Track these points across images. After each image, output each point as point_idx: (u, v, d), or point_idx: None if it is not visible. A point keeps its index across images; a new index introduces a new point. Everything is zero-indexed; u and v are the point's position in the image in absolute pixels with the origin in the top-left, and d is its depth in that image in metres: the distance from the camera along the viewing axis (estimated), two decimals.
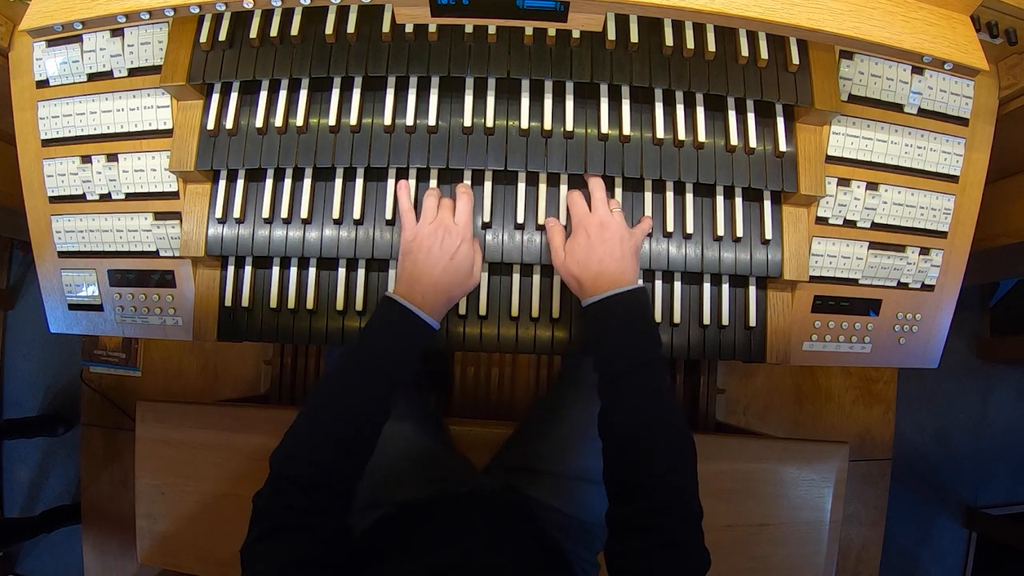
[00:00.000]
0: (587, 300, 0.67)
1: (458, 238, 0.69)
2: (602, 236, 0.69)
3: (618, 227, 0.70)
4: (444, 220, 0.70)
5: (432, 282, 0.68)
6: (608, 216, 0.70)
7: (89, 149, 0.79)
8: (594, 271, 0.68)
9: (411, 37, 0.71)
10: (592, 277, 0.68)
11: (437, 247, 0.68)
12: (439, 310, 0.69)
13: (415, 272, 0.68)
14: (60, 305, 0.83)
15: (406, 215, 0.72)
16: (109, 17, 0.61)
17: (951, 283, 0.84)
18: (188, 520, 1.01)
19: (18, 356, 1.87)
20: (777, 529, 1.00)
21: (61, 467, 1.83)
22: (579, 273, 0.69)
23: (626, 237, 0.70)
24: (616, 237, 0.69)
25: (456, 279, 0.70)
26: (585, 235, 0.69)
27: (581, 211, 0.71)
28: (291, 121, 0.74)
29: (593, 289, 0.67)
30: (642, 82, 0.72)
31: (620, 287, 0.66)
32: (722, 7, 0.59)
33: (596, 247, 0.69)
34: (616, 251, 0.69)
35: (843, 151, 0.77)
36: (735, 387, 1.62)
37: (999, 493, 1.86)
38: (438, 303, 0.68)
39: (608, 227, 0.69)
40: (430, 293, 0.67)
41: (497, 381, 1.49)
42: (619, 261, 0.68)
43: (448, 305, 0.71)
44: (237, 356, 1.62)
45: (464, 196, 0.72)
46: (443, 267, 0.68)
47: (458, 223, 0.70)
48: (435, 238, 0.69)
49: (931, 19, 0.65)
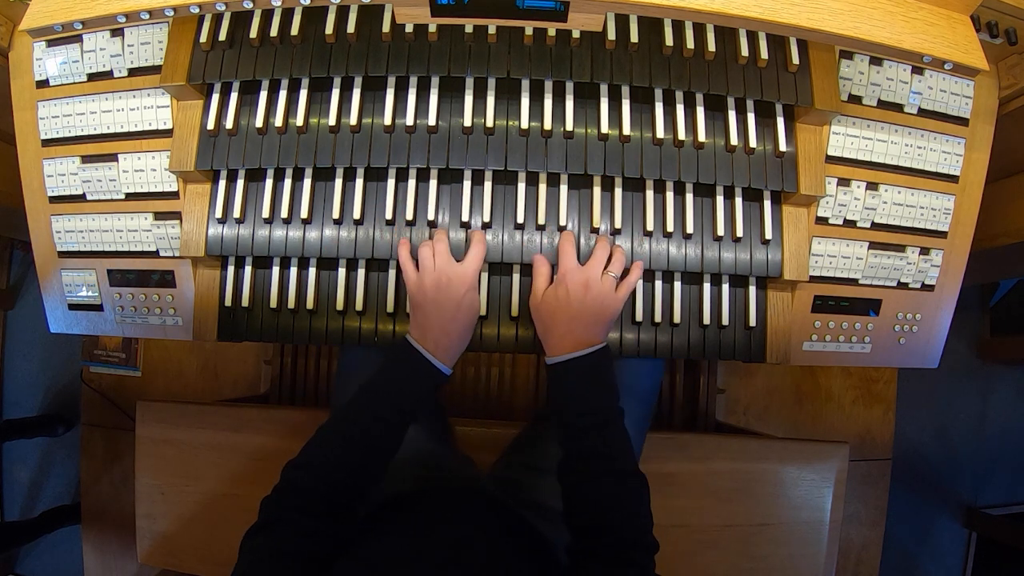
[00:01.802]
0: (550, 359, 0.69)
1: (462, 286, 0.70)
2: (583, 297, 0.69)
3: (601, 292, 0.69)
4: (444, 269, 0.70)
5: (444, 331, 0.69)
6: (596, 278, 0.70)
7: (89, 149, 0.79)
8: (561, 331, 0.69)
9: (411, 37, 0.71)
10: (558, 335, 0.69)
11: (444, 298, 0.69)
12: (452, 355, 0.71)
13: (426, 324, 0.70)
14: (60, 305, 0.83)
15: (406, 266, 0.72)
16: (109, 17, 0.61)
17: (951, 283, 0.84)
18: (188, 520, 1.01)
19: (18, 356, 1.87)
20: (777, 529, 1.00)
21: (61, 467, 1.83)
22: (546, 325, 0.71)
23: (608, 301, 0.70)
24: (597, 301, 0.69)
25: (466, 323, 0.71)
26: (565, 291, 0.70)
27: (569, 263, 0.71)
28: (291, 121, 0.74)
29: (557, 347, 0.69)
30: (642, 82, 0.72)
31: (584, 349, 0.67)
32: (722, 7, 0.59)
33: (572, 306, 0.69)
34: (590, 316, 0.69)
35: (843, 151, 0.77)
36: (735, 387, 1.62)
37: (999, 493, 1.86)
38: (451, 349, 0.70)
39: (591, 289, 0.69)
40: (443, 341, 0.69)
41: (497, 381, 1.49)
42: (590, 326, 0.69)
43: (461, 348, 0.72)
44: (237, 356, 1.62)
45: (478, 245, 0.72)
46: (451, 315, 0.69)
47: (465, 269, 0.70)
48: (439, 291, 0.69)
49: (931, 19, 0.65)
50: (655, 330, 0.78)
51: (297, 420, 0.99)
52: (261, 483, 0.61)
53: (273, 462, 0.78)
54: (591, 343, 0.68)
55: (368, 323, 0.77)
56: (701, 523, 0.96)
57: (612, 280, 0.71)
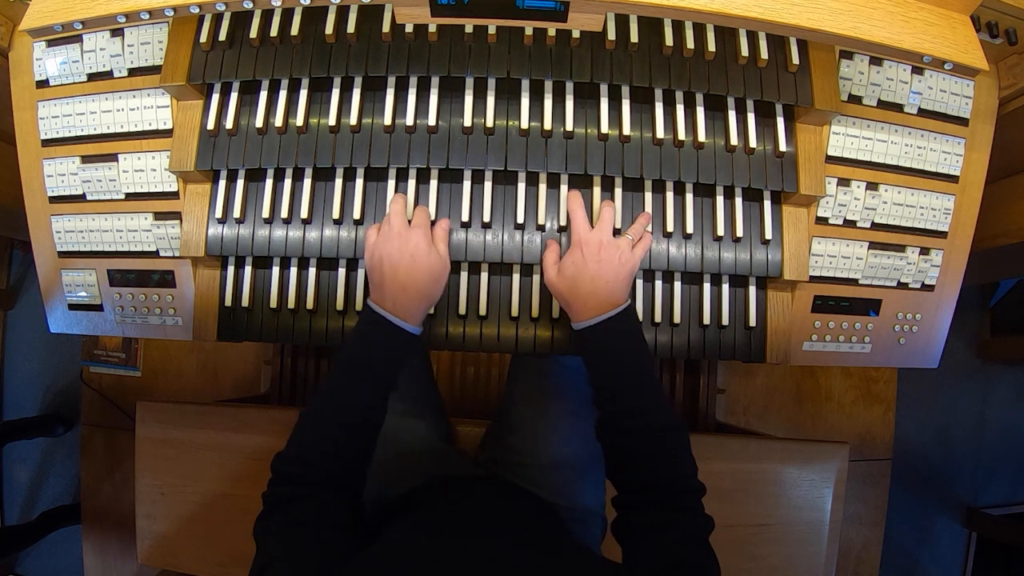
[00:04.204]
0: (578, 324, 0.68)
1: (413, 238, 0.67)
2: (598, 256, 0.68)
3: (618, 248, 0.69)
4: (396, 226, 0.68)
5: (400, 286, 0.66)
6: (610, 238, 0.69)
7: (89, 149, 0.79)
8: (585, 292, 0.68)
9: (411, 37, 0.71)
10: (582, 299, 0.68)
11: (396, 252, 0.67)
12: (414, 313, 0.67)
13: (382, 282, 0.67)
14: (60, 305, 0.83)
15: (368, 238, 0.71)
16: (109, 17, 0.61)
17: (951, 283, 0.84)
18: (188, 520, 1.01)
19: (18, 356, 1.87)
20: (777, 529, 1.00)
21: (61, 467, 1.83)
22: (568, 292, 0.69)
23: (625, 258, 0.69)
24: (614, 258, 0.68)
25: (423, 279, 0.67)
26: (580, 253, 0.69)
27: (582, 227, 0.70)
28: (291, 121, 0.74)
29: (583, 312, 0.68)
30: (642, 82, 0.72)
31: (610, 311, 0.66)
32: (722, 7, 0.59)
33: (590, 266, 0.68)
34: (610, 273, 0.68)
35: (843, 151, 0.77)
36: (735, 387, 1.62)
37: (999, 493, 1.86)
38: (410, 306, 0.67)
39: (607, 248, 0.68)
40: (400, 297, 0.66)
41: (496, 381, 1.49)
42: (611, 283, 0.68)
43: (426, 304, 0.70)
44: (237, 356, 1.62)
45: (419, 208, 0.72)
46: (406, 269, 0.66)
47: (414, 225, 0.69)
48: (390, 244, 0.67)
49: (931, 19, 0.65)
50: (655, 330, 0.78)
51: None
52: (261, 483, 0.61)
53: None
54: (615, 303, 0.67)
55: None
56: None
57: (628, 240, 0.70)
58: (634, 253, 0.70)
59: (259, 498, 0.62)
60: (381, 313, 0.66)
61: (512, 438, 0.89)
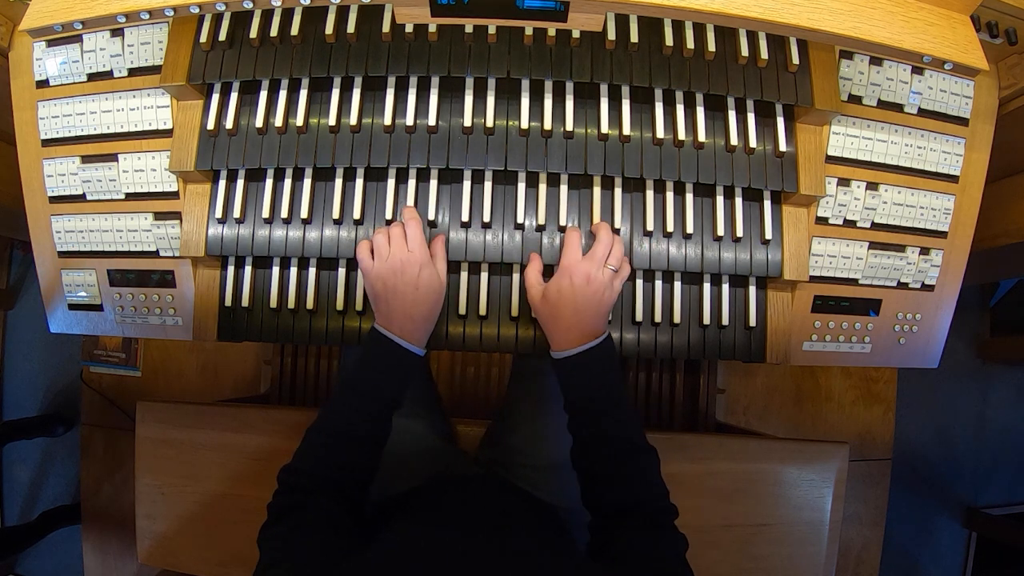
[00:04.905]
0: (558, 354, 0.70)
1: (416, 266, 0.69)
2: (585, 289, 0.69)
3: (601, 284, 0.70)
4: (398, 255, 0.70)
5: (408, 316, 0.70)
6: (598, 272, 0.70)
7: (89, 149, 0.79)
8: (566, 323, 0.70)
9: (411, 37, 0.71)
10: (563, 329, 0.70)
11: (401, 284, 0.69)
12: (420, 337, 0.71)
13: (389, 313, 0.70)
14: (60, 305, 0.83)
15: (363, 260, 0.72)
16: (109, 17, 0.61)
17: (951, 283, 0.84)
18: (188, 520, 1.01)
19: (18, 356, 1.87)
20: (777, 529, 1.00)
21: (61, 467, 1.83)
22: (549, 319, 0.71)
23: (607, 294, 0.71)
24: (598, 293, 0.70)
25: (428, 304, 0.71)
26: (569, 282, 0.70)
27: (573, 255, 0.71)
28: (291, 121, 0.74)
29: (562, 342, 0.70)
30: (642, 82, 0.72)
31: (590, 342, 0.69)
32: (722, 7, 0.59)
33: (577, 298, 0.69)
34: (592, 307, 0.70)
35: (843, 151, 0.77)
36: (735, 387, 1.62)
37: (999, 493, 1.86)
38: (417, 331, 0.71)
39: (593, 282, 0.70)
40: (408, 325, 0.70)
41: (496, 381, 1.49)
42: (593, 317, 0.70)
43: (430, 326, 0.73)
44: (237, 356, 1.62)
45: (412, 222, 0.71)
46: (412, 299, 0.69)
47: (412, 250, 0.70)
48: (395, 276, 0.69)
49: (931, 19, 0.65)
50: (655, 330, 0.78)
51: (297, 420, 0.99)
52: (261, 484, 0.62)
53: (273, 462, 0.78)
54: (596, 334, 0.70)
55: (369, 323, 0.77)
56: (701, 523, 0.96)
57: (610, 272, 0.71)
58: (614, 287, 0.72)
59: (260, 498, 0.63)
60: (390, 337, 0.69)
61: (513, 439, 0.89)
